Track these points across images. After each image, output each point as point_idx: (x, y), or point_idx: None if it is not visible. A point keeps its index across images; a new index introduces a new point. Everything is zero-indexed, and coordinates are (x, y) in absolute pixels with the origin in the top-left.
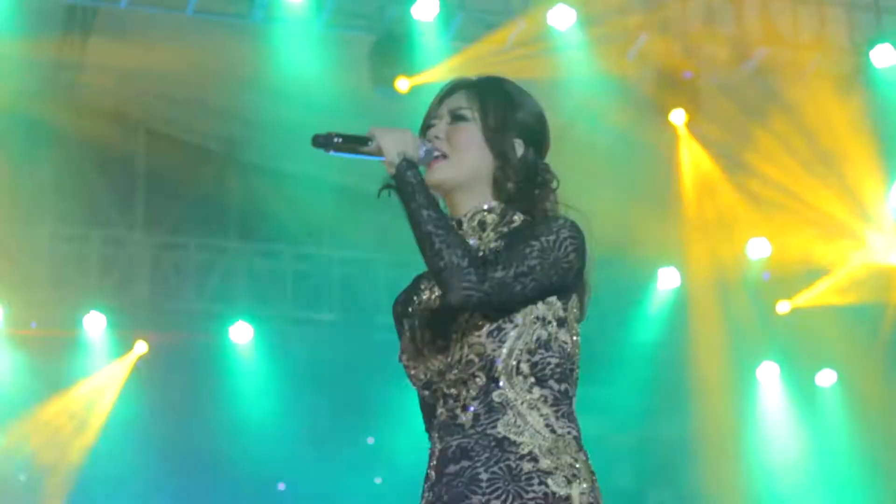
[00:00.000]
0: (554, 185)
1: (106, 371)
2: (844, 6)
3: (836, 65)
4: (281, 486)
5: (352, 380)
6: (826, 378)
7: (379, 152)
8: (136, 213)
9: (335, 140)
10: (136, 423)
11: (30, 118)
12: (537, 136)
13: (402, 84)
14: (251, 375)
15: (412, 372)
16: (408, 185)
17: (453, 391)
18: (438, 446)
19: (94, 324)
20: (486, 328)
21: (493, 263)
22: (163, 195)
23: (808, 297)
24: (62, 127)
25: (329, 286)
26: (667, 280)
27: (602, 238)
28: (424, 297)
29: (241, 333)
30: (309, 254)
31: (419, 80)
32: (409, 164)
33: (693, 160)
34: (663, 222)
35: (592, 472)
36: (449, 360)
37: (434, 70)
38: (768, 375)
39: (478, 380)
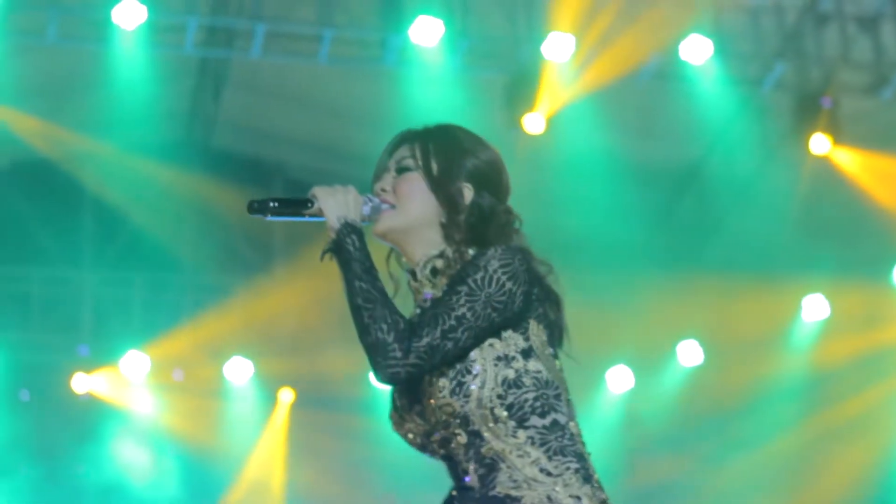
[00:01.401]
0: (516, 225)
1: (267, 438)
2: None
3: None
4: None
5: None
6: None
7: (321, 213)
8: (275, 260)
9: (271, 205)
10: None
11: (167, 168)
12: (489, 180)
13: (537, 122)
14: None
15: (405, 438)
16: (345, 252)
17: (444, 451)
18: None
19: (238, 370)
20: (448, 387)
21: (418, 329)
22: (301, 242)
23: None
24: (199, 177)
25: None
26: (813, 310)
27: (746, 268)
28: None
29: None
30: None
31: (554, 118)
32: (349, 228)
33: (842, 186)
34: (807, 251)
35: (604, 502)
36: (428, 423)
37: (568, 107)
38: None
39: (459, 438)
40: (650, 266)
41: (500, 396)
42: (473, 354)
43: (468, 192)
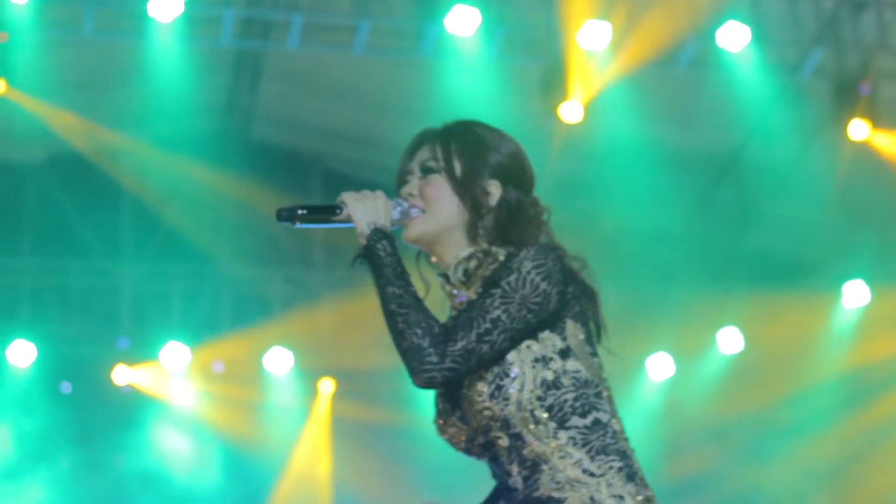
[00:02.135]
0: (545, 216)
1: (310, 429)
2: None
3: None
4: None
5: None
6: None
7: (350, 220)
8: (315, 252)
9: (299, 212)
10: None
11: (205, 161)
12: (514, 174)
13: (574, 111)
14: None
15: (450, 443)
16: (376, 258)
17: (487, 454)
18: None
19: (278, 361)
20: (487, 391)
21: (453, 333)
22: (341, 234)
23: None
24: (238, 170)
25: None
26: (853, 296)
27: (786, 255)
28: None
29: None
30: None
31: (591, 106)
32: (379, 234)
33: (882, 171)
34: (847, 237)
35: (649, 500)
36: (470, 428)
37: (606, 96)
38: None
39: (501, 441)
40: (689, 254)
41: (539, 398)
42: (511, 357)
43: (495, 190)
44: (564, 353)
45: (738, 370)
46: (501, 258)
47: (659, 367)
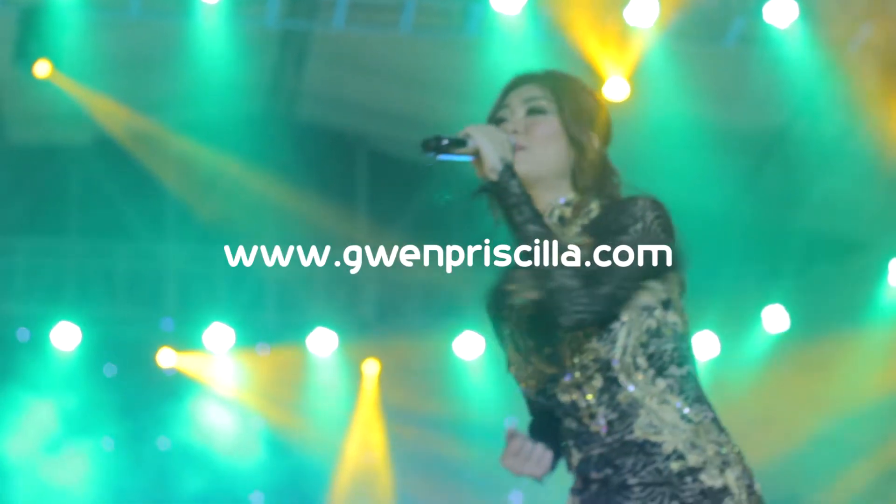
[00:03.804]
0: (615, 180)
1: (360, 416)
2: None
3: None
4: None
5: None
6: None
7: (475, 153)
8: (359, 232)
9: (443, 143)
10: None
11: (249, 143)
12: (608, 129)
13: (620, 89)
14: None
15: (523, 383)
16: (511, 195)
17: (568, 397)
18: (578, 455)
19: (322, 342)
20: (596, 332)
21: (597, 277)
22: (385, 214)
23: None
24: (283, 151)
25: None
26: None
27: (832, 232)
28: (516, 301)
29: (469, 348)
30: None
31: (637, 84)
32: (511, 171)
33: None
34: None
35: (739, 453)
36: (560, 366)
37: (652, 74)
38: None
39: (594, 382)
40: (736, 232)
41: (643, 345)
42: None
43: (596, 143)
44: (666, 304)
45: (783, 349)
46: (595, 207)
47: (704, 346)
